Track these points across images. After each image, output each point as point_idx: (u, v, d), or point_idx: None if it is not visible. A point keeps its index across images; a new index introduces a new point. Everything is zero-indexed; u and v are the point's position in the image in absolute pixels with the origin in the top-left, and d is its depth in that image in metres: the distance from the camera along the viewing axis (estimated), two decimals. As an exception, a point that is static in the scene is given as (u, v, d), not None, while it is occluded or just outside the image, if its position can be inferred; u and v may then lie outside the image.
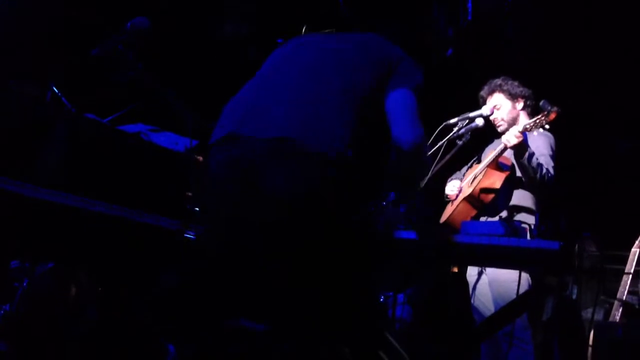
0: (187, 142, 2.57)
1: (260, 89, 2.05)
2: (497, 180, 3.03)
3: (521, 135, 2.86)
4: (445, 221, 3.21)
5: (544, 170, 2.95)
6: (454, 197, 3.28)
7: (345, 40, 2.12)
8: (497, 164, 3.06)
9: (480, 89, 3.35)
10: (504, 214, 2.89)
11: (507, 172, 3.06)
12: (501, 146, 2.99)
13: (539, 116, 2.78)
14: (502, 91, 3.27)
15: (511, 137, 2.87)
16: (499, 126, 3.26)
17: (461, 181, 3.33)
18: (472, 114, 3.15)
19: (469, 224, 2.55)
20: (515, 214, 2.99)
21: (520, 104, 3.26)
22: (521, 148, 2.91)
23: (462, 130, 3.12)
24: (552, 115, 2.76)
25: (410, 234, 2.46)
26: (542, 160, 2.99)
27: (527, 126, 2.83)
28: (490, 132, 3.32)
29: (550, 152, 3.10)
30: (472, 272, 3.25)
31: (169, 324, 2.34)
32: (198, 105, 2.67)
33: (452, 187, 3.32)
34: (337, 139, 1.88)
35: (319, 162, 1.85)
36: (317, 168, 1.85)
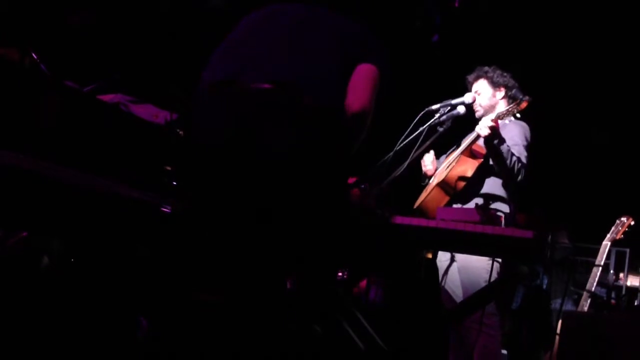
0: (167, 114, 2.54)
1: (252, 38, 2.05)
2: (469, 168, 3.06)
3: (493, 124, 2.88)
4: (419, 206, 3.23)
5: (515, 159, 2.98)
6: (431, 173, 3.34)
7: (326, 11, 2.16)
8: (470, 152, 3.08)
9: (468, 73, 3.37)
10: (479, 201, 2.91)
11: (480, 160, 3.09)
12: (474, 134, 3.00)
13: (512, 105, 2.82)
14: (487, 78, 3.30)
15: (483, 128, 2.91)
16: (476, 111, 3.29)
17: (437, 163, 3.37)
18: (454, 101, 3.15)
19: (444, 210, 2.56)
20: (489, 202, 3.02)
21: (500, 93, 3.29)
22: (492, 135, 2.93)
23: (444, 117, 3.13)
24: (524, 104, 2.80)
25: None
26: (515, 150, 3.01)
27: (500, 114, 2.88)
28: (471, 119, 3.34)
29: (524, 142, 3.12)
30: (443, 257, 3.29)
31: (143, 297, 2.33)
32: (179, 77, 2.64)
33: (428, 162, 3.37)
34: (336, 95, 1.96)
35: (323, 116, 1.90)
36: (322, 122, 1.90)
